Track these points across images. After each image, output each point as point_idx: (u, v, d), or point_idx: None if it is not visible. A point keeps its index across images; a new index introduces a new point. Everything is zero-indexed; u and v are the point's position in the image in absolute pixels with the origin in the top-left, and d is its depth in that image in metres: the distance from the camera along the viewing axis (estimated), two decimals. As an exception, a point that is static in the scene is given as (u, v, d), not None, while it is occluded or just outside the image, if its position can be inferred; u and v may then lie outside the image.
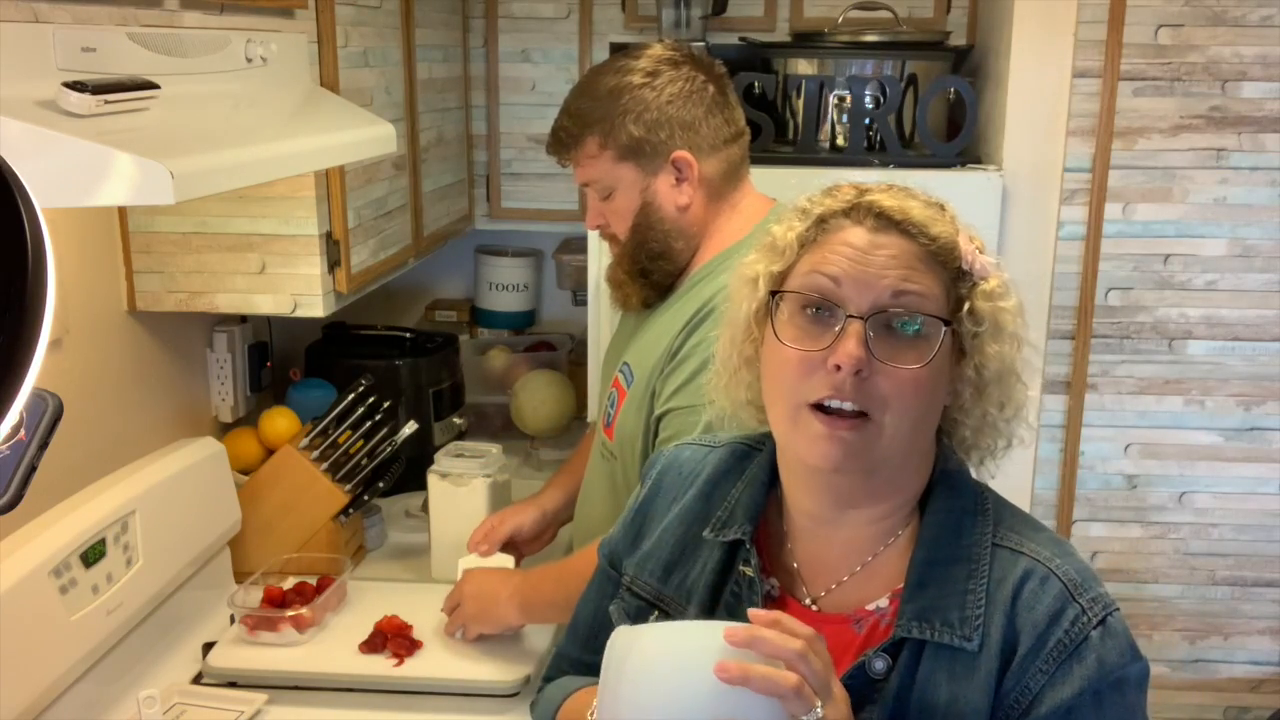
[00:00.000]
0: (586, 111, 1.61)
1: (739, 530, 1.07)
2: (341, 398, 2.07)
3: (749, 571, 1.05)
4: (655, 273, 1.65)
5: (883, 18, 2.49)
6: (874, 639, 1.00)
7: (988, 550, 0.99)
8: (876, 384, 0.95)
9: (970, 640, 0.95)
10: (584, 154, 1.62)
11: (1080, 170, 2.43)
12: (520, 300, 2.96)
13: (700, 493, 1.13)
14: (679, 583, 1.10)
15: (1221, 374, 2.51)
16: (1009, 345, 1.00)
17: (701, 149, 1.60)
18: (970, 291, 1.00)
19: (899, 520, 1.03)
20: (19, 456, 0.80)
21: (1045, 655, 0.94)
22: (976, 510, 1.02)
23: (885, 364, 0.94)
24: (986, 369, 1.00)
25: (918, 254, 0.98)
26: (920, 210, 1.00)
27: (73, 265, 1.74)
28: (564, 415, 2.57)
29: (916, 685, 0.96)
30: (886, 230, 0.98)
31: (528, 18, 2.65)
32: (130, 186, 1.07)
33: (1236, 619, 2.62)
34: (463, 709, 1.63)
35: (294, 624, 1.75)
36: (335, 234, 1.87)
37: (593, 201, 1.67)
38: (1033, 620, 0.95)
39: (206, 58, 1.46)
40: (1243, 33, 2.35)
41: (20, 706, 1.42)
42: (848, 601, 1.03)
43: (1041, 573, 0.97)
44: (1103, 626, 0.95)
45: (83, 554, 1.54)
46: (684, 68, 1.61)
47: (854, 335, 0.94)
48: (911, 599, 0.98)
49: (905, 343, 0.96)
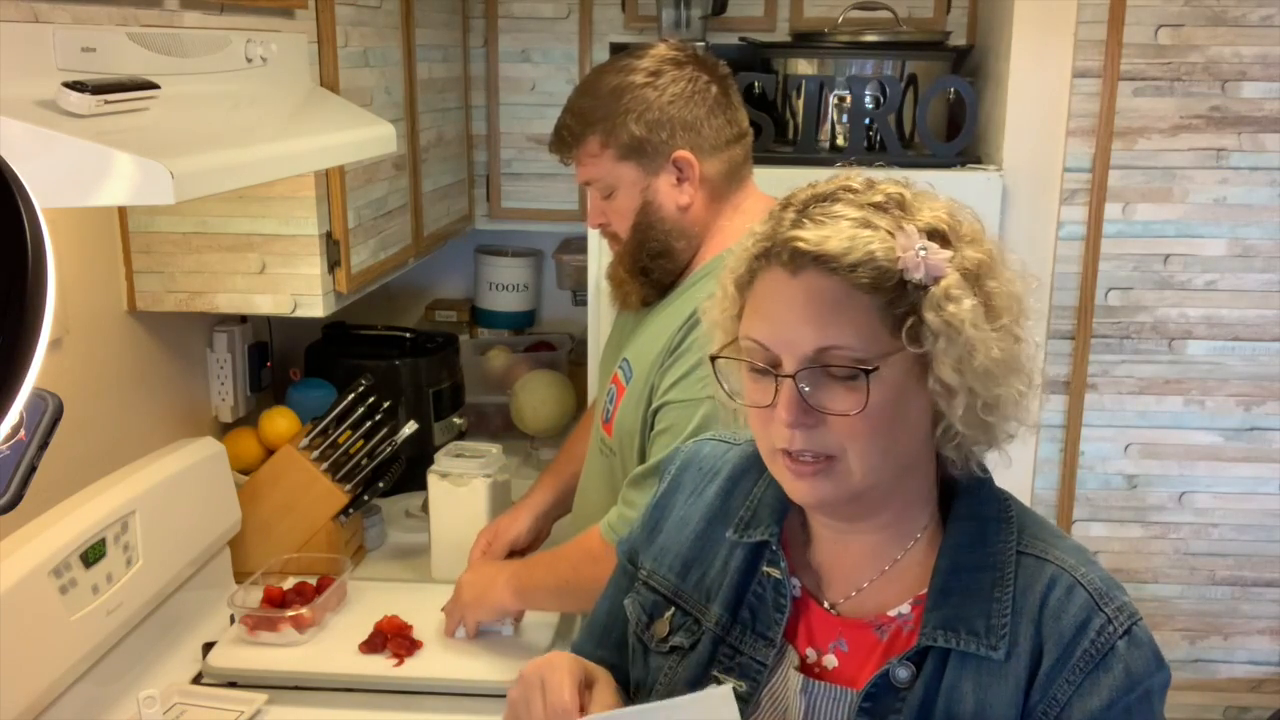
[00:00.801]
0: (589, 110, 1.61)
1: (765, 531, 1.06)
2: (341, 398, 2.07)
3: (775, 573, 1.04)
4: (656, 271, 1.65)
5: (883, 18, 2.49)
6: (896, 646, 0.99)
7: (1013, 557, 0.98)
8: (826, 431, 0.93)
9: (996, 650, 0.94)
10: (585, 153, 1.62)
11: (1080, 170, 2.43)
12: (520, 300, 2.96)
13: (720, 489, 1.13)
14: (697, 580, 1.10)
15: (1221, 374, 2.51)
16: (972, 349, 0.93)
17: (703, 149, 1.60)
18: (920, 301, 0.92)
19: (915, 523, 1.02)
20: (19, 456, 0.80)
21: (1072, 666, 0.93)
22: (1001, 517, 1.01)
23: (825, 413, 0.93)
24: (946, 379, 0.93)
25: (839, 290, 0.92)
26: (843, 235, 0.93)
27: (73, 265, 1.74)
28: (564, 415, 2.57)
29: (941, 694, 0.95)
30: (803, 269, 0.93)
31: (528, 18, 2.65)
32: (130, 186, 1.08)
33: (1236, 619, 2.62)
34: (463, 709, 1.63)
35: (294, 624, 1.75)
36: (335, 234, 1.87)
37: (594, 200, 1.67)
38: (1059, 629, 0.94)
39: (206, 58, 1.46)
40: (1243, 33, 2.35)
41: (20, 706, 1.42)
42: (869, 607, 1.02)
43: (1067, 581, 0.96)
44: (1129, 636, 0.94)
45: (83, 554, 1.54)
46: (687, 68, 1.61)
47: (785, 394, 0.93)
48: (936, 606, 0.97)
49: (843, 387, 0.92)
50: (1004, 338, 0.95)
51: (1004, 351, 0.95)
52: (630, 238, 1.64)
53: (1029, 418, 1.00)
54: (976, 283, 0.95)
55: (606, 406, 1.70)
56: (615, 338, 1.82)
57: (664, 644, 1.09)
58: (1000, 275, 0.97)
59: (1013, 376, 0.96)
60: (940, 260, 0.93)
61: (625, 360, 1.67)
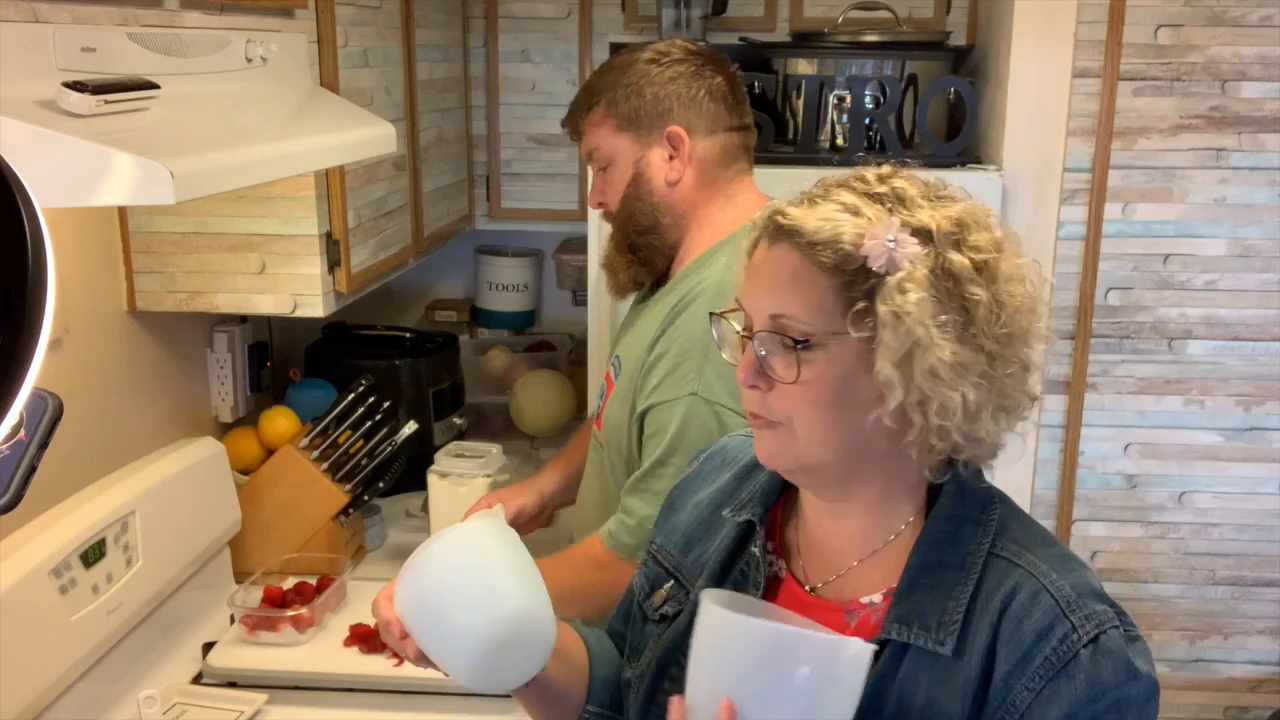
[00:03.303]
0: (597, 83, 1.68)
1: (752, 512, 1.11)
2: (341, 398, 2.07)
3: (756, 551, 1.09)
4: (643, 248, 1.67)
5: (883, 18, 2.49)
6: (862, 633, 1.00)
7: (981, 559, 0.99)
8: (775, 397, 0.98)
9: (943, 645, 0.95)
10: (589, 122, 1.68)
11: (1080, 170, 2.43)
12: (520, 300, 2.96)
13: (735, 476, 1.18)
14: (696, 556, 1.15)
15: (1221, 374, 2.51)
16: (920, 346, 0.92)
17: (698, 129, 1.63)
18: (875, 289, 0.93)
19: (899, 513, 1.03)
20: (19, 456, 0.80)
21: (1032, 673, 0.93)
22: (979, 520, 1.01)
23: (774, 379, 0.98)
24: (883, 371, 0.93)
25: (800, 265, 0.96)
26: (820, 215, 0.96)
27: (73, 265, 1.74)
28: (564, 415, 2.58)
29: (896, 685, 0.96)
30: (779, 241, 0.98)
31: (528, 18, 2.65)
32: (130, 186, 1.08)
33: (1236, 619, 2.62)
34: (463, 709, 1.64)
35: (294, 624, 1.76)
36: (335, 234, 1.87)
37: (595, 176, 1.72)
38: (1019, 635, 0.94)
39: (206, 58, 1.47)
40: (1242, 33, 2.35)
41: (20, 706, 1.42)
42: (846, 592, 1.04)
43: (1033, 586, 0.96)
44: (1094, 645, 0.93)
45: (83, 554, 1.54)
46: (696, 58, 1.66)
47: (746, 355, 1.00)
48: (899, 601, 0.99)
49: (791, 356, 0.96)
50: (967, 344, 0.94)
51: (961, 356, 0.93)
52: (619, 211, 1.68)
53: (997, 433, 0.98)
54: (952, 285, 0.94)
55: (598, 402, 1.73)
56: (618, 334, 1.84)
57: (656, 612, 1.15)
58: (997, 287, 0.96)
59: (969, 385, 0.94)
60: (906, 254, 0.93)
61: (617, 356, 1.70)
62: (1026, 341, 0.99)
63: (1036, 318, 1.00)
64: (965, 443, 0.97)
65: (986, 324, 0.95)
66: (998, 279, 0.97)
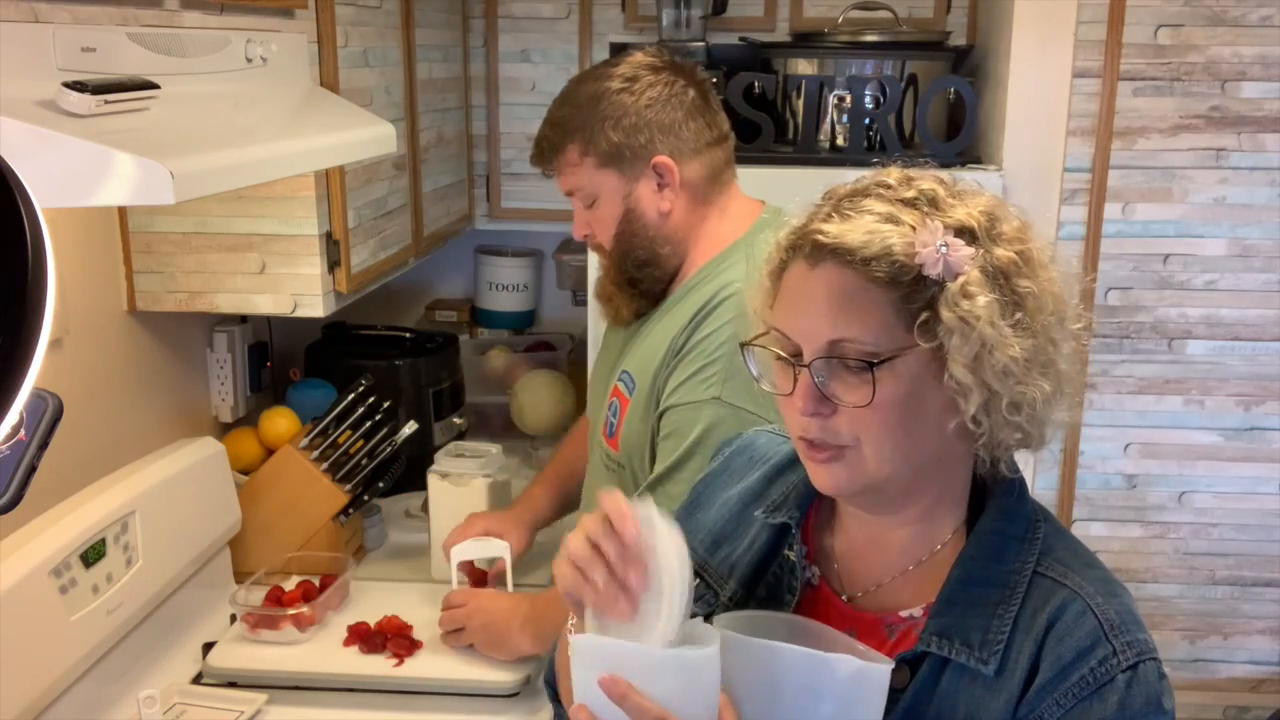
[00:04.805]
0: (566, 119, 1.60)
1: (788, 514, 1.08)
2: (341, 398, 2.07)
3: (792, 556, 1.06)
4: (644, 280, 1.64)
5: (883, 18, 2.49)
6: (903, 647, 0.99)
7: (1027, 578, 0.98)
8: (840, 421, 0.95)
9: (987, 664, 0.94)
10: (566, 162, 1.61)
11: (1080, 170, 2.43)
12: (520, 300, 2.96)
13: (765, 475, 1.15)
14: (724, 556, 1.12)
15: (1221, 374, 2.51)
16: (990, 347, 0.92)
17: (683, 153, 1.58)
18: (936, 297, 0.92)
19: (943, 527, 1.02)
20: (19, 456, 0.80)
21: (1065, 689, 0.92)
22: (1025, 537, 1.00)
23: (840, 404, 0.94)
24: (959, 376, 0.93)
25: (854, 284, 0.93)
26: (863, 229, 0.94)
27: (73, 265, 1.74)
28: (564, 415, 2.57)
29: (934, 701, 0.95)
30: (822, 261, 0.95)
31: (528, 18, 2.65)
32: (130, 186, 1.08)
33: (1236, 619, 2.62)
34: (463, 709, 1.64)
35: (295, 622, 1.75)
36: (335, 234, 1.87)
37: (578, 210, 1.66)
38: (1059, 651, 0.93)
39: (206, 58, 1.47)
40: (1242, 33, 2.36)
41: (20, 706, 1.42)
42: (884, 604, 1.03)
43: (1079, 607, 0.95)
44: (1133, 671, 0.92)
45: (83, 554, 1.54)
46: (664, 73, 1.60)
47: (803, 384, 0.96)
48: (939, 614, 0.97)
49: (856, 379, 0.94)
50: (1028, 337, 0.94)
51: (1027, 350, 0.94)
52: (614, 248, 1.63)
53: (1065, 418, 0.99)
54: (1004, 281, 0.95)
55: (610, 420, 1.67)
56: (607, 354, 1.79)
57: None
58: (1037, 275, 0.97)
59: (1039, 376, 0.95)
60: (960, 257, 0.93)
61: (626, 372, 1.64)
62: (1064, 322, 0.98)
63: (1070, 297, 0.99)
64: (1035, 434, 0.97)
65: (1037, 313, 0.95)
66: (1035, 267, 0.97)
